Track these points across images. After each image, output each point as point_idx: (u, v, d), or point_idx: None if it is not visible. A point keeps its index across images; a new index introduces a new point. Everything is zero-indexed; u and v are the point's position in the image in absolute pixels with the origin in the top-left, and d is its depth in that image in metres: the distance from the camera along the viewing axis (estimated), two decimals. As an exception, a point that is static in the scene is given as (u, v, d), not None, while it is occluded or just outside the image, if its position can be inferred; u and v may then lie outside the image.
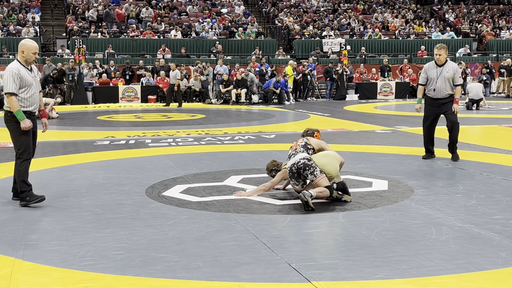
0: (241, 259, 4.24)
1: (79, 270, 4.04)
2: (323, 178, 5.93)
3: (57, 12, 29.19)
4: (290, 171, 6.05)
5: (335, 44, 26.19)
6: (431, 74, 8.63)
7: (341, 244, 4.58)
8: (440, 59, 8.65)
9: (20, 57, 6.10)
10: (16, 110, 5.91)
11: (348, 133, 12.04)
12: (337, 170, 6.21)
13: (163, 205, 5.92)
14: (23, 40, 6.23)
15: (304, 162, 5.96)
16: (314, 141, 6.42)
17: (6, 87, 5.93)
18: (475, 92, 17.75)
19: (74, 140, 11.12)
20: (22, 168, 6.07)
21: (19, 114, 5.92)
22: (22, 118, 5.93)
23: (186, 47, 25.55)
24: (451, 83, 8.51)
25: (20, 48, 6.09)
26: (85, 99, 20.69)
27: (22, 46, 6.08)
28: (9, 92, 5.92)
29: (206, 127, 13.23)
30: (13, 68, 5.99)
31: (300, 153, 6.13)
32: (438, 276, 3.87)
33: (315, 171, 5.93)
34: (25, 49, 6.06)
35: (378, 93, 23.19)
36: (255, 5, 32.45)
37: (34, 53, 6.09)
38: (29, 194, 6.01)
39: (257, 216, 5.48)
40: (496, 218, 5.30)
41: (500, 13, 33.86)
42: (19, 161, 6.09)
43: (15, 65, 6.05)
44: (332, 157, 6.22)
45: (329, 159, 6.16)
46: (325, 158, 6.15)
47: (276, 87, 20.62)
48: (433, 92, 8.53)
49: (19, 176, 6.06)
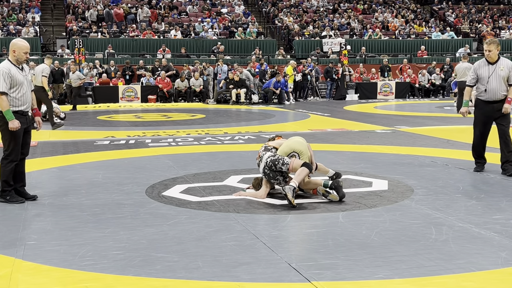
0: (241, 259, 4.24)
1: (79, 270, 4.04)
2: (295, 160, 6.06)
3: (57, 12, 29.19)
4: (264, 175, 6.21)
5: (335, 44, 26.20)
6: (481, 72, 7.48)
7: (341, 244, 4.58)
8: (491, 56, 7.49)
9: (11, 57, 6.09)
10: (6, 110, 5.89)
11: (348, 133, 12.04)
12: (304, 145, 6.27)
13: (163, 205, 5.92)
14: (14, 40, 6.24)
15: (270, 159, 6.14)
16: (273, 142, 6.59)
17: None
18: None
19: (74, 140, 11.13)
20: (8, 169, 6.05)
21: (8, 114, 5.91)
22: (11, 118, 5.91)
23: (186, 47, 25.55)
24: (506, 83, 7.39)
25: (12, 47, 6.09)
26: (85, 99, 20.68)
27: (13, 46, 6.09)
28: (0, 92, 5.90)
29: (206, 127, 13.23)
30: (3, 68, 5.97)
31: (264, 156, 6.28)
32: (438, 276, 3.87)
33: (284, 160, 6.09)
34: (16, 49, 6.06)
35: (378, 93, 23.19)
36: (255, 5, 32.46)
37: (25, 53, 6.08)
38: (10, 194, 6.05)
39: (257, 216, 5.48)
40: (496, 218, 5.30)
41: (500, 13, 33.86)
42: (5, 161, 6.06)
43: (5, 64, 6.04)
44: (291, 139, 6.36)
45: (289, 142, 6.32)
46: (287, 142, 6.34)
47: (276, 87, 20.62)
48: (485, 93, 7.45)
49: (3, 175, 6.04)
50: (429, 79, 23.80)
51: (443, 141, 10.62)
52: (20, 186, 6.24)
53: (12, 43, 6.13)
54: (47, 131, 12.95)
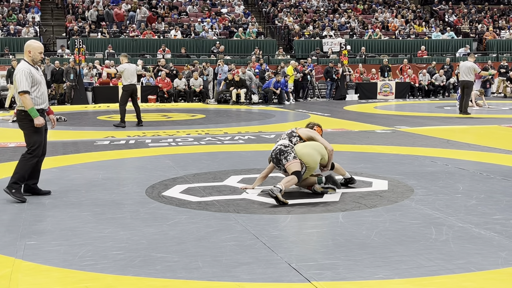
0: (241, 259, 4.24)
1: (79, 270, 4.04)
2: (294, 163, 6.11)
3: (57, 12, 29.19)
4: (271, 157, 6.37)
5: (335, 44, 26.20)
6: None
7: (341, 244, 4.58)
8: None
9: (27, 57, 6.27)
10: (30, 107, 6.09)
11: (348, 133, 12.04)
12: (316, 161, 6.27)
13: (163, 205, 5.92)
14: (29, 41, 6.40)
15: (280, 148, 6.24)
16: (302, 130, 6.56)
17: (20, 86, 6.10)
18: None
19: (74, 140, 11.12)
20: (30, 163, 6.21)
21: (32, 111, 6.10)
22: (35, 115, 6.12)
23: (186, 47, 25.55)
24: None
25: (27, 48, 6.27)
26: (85, 99, 20.69)
27: (28, 47, 6.27)
28: (23, 91, 6.09)
29: (206, 127, 13.23)
30: (24, 68, 6.16)
31: (281, 140, 6.40)
32: (438, 276, 3.87)
33: (289, 156, 6.15)
34: (32, 49, 6.24)
35: (378, 93, 23.18)
36: (255, 5, 32.45)
37: (40, 53, 6.28)
38: (17, 189, 6.13)
39: (257, 216, 5.48)
40: (496, 218, 5.30)
41: (500, 13, 33.86)
42: (30, 156, 6.22)
43: (24, 65, 6.22)
44: (312, 147, 6.31)
45: (309, 150, 6.27)
46: (305, 149, 6.28)
47: (276, 87, 20.62)
48: None
49: (22, 169, 6.18)
50: (429, 80, 23.78)
51: (443, 141, 10.62)
52: (32, 183, 6.37)
53: (27, 44, 6.30)
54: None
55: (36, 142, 6.23)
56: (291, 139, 6.42)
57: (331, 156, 6.44)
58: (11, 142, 10.77)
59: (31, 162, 6.21)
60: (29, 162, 6.21)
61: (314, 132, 6.62)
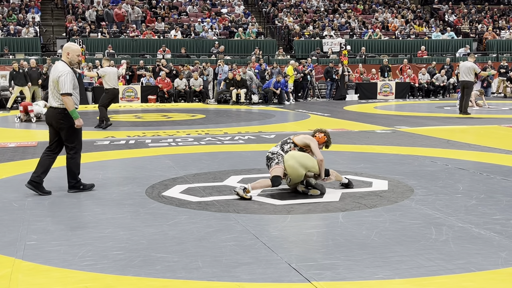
0: (241, 259, 4.24)
1: (79, 270, 4.04)
2: (275, 168, 6.31)
3: (57, 12, 29.18)
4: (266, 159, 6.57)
5: (335, 44, 26.19)
6: None
7: (341, 244, 4.58)
8: None
9: (65, 58, 6.51)
10: (72, 109, 6.36)
11: (348, 133, 12.04)
12: (299, 175, 6.28)
13: (163, 205, 5.92)
14: (68, 43, 6.68)
15: (268, 155, 6.52)
16: (298, 137, 6.65)
17: (64, 87, 6.31)
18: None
19: (74, 140, 11.10)
20: (78, 161, 6.66)
21: (74, 113, 6.38)
22: (77, 116, 6.42)
23: (186, 47, 25.54)
24: None
25: (65, 50, 6.51)
26: (85, 99, 20.69)
27: (67, 49, 6.50)
28: (67, 93, 6.31)
29: (206, 127, 13.23)
30: (68, 70, 6.40)
31: (273, 147, 6.60)
32: (438, 276, 3.87)
33: (272, 162, 6.38)
34: (70, 51, 6.49)
35: (378, 93, 23.18)
36: (255, 5, 32.45)
37: (77, 55, 6.55)
38: (81, 182, 6.65)
39: (257, 216, 5.48)
40: (496, 218, 5.30)
41: (500, 13, 33.85)
42: (76, 154, 6.61)
43: (66, 67, 6.44)
44: (297, 160, 6.28)
45: (293, 163, 6.27)
46: (290, 161, 6.31)
47: (276, 87, 20.62)
48: None
49: (75, 167, 6.63)
50: (428, 79, 23.77)
51: (443, 141, 10.62)
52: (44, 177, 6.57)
53: (65, 47, 6.55)
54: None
55: (79, 140, 6.62)
56: (283, 146, 6.53)
57: (321, 166, 6.40)
58: (11, 142, 10.77)
59: (78, 158, 6.63)
60: (78, 160, 6.63)
61: (310, 139, 6.60)
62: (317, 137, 6.70)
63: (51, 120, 6.55)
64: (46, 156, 6.63)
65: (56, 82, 6.35)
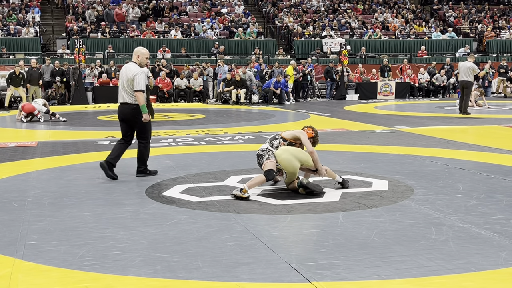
0: (241, 259, 4.24)
1: (79, 270, 4.04)
2: (267, 162, 6.38)
3: (57, 12, 29.18)
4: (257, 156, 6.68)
5: (335, 44, 26.19)
6: None
7: (341, 244, 4.58)
8: None
9: (135, 60, 7.30)
10: (142, 104, 7.14)
11: (348, 133, 12.04)
12: (295, 167, 6.32)
13: (163, 205, 5.92)
14: (138, 47, 7.50)
15: (258, 152, 6.64)
16: (287, 132, 6.75)
17: (139, 85, 7.10)
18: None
19: (74, 140, 11.12)
20: (148, 148, 7.48)
21: (143, 108, 7.16)
22: (145, 111, 7.19)
23: (186, 47, 25.54)
24: None
25: (136, 53, 7.34)
26: (85, 99, 20.69)
27: (137, 52, 7.33)
28: (141, 89, 7.11)
29: (206, 127, 13.23)
30: (142, 70, 7.22)
31: (263, 144, 6.73)
32: (438, 276, 3.87)
33: (263, 159, 6.46)
34: (140, 54, 7.29)
35: (378, 93, 23.18)
36: (255, 5, 32.45)
37: (147, 58, 7.39)
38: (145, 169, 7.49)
39: (257, 216, 5.48)
40: (496, 218, 5.30)
41: (500, 13, 33.85)
42: (148, 144, 7.45)
43: (139, 67, 7.24)
44: (291, 153, 6.38)
45: (287, 155, 6.36)
46: (284, 154, 6.40)
47: (276, 87, 20.62)
48: None
49: (145, 154, 7.46)
50: (427, 78, 23.77)
51: (443, 141, 10.62)
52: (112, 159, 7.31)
53: (136, 50, 7.38)
54: (47, 131, 12.96)
55: (149, 131, 7.42)
56: (272, 142, 6.62)
57: (314, 158, 6.41)
58: (11, 142, 10.77)
59: (149, 147, 7.46)
60: (148, 147, 7.45)
61: (300, 132, 6.67)
62: (305, 131, 6.73)
63: (125, 115, 7.32)
64: (120, 143, 7.41)
65: (131, 81, 7.12)
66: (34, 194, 6.45)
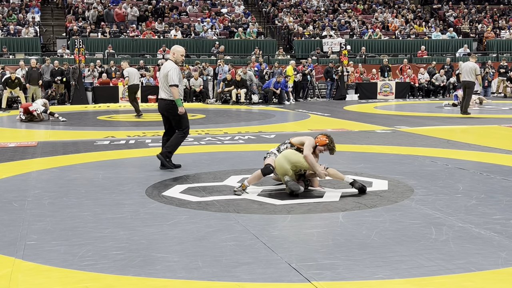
0: (241, 259, 4.24)
1: (79, 270, 4.04)
2: (266, 159, 6.60)
3: (57, 12, 29.18)
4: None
5: (335, 44, 26.19)
6: None
7: (341, 244, 4.58)
8: None
9: (171, 58, 7.79)
10: (177, 98, 7.62)
11: (348, 133, 12.04)
12: (284, 168, 6.32)
13: (163, 205, 5.92)
14: (175, 46, 7.96)
15: (264, 155, 6.82)
16: (295, 138, 6.76)
17: (172, 80, 7.58)
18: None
19: (74, 140, 11.12)
20: (183, 139, 7.94)
21: (178, 101, 7.64)
22: (180, 105, 7.67)
23: (186, 47, 25.50)
24: None
25: (172, 51, 7.82)
26: (85, 99, 20.69)
27: (173, 50, 7.82)
28: (174, 84, 7.59)
29: (206, 127, 13.23)
30: (175, 66, 7.69)
31: (272, 149, 6.84)
32: (438, 276, 3.87)
33: (267, 158, 6.63)
34: (176, 52, 7.76)
35: (378, 93, 23.18)
36: (255, 5, 32.45)
37: (182, 55, 7.83)
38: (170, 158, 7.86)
39: (257, 216, 5.48)
40: (496, 218, 5.30)
41: (500, 13, 33.85)
42: (184, 134, 7.89)
43: (173, 64, 7.71)
44: (284, 155, 6.43)
45: (279, 157, 6.45)
46: (279, 156, 6.49)
47: (276, 87, 20.62)
48: None
49: (177, 143, 7.87)
50: (427, 78, 23.76)
51: (443, 141, 10.62)
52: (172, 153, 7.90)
53: (172, 48, 7.86)
54: (47, 131, 12.96)
55: (187, 124, 7.86)
56: (280, 147, 6.71)
57: (308, 162, 6.35)
58: (11, 142, 10.77)
59: (183, 139, 7.93)
60: (182, 138, 7.90)
61: (307, 138, 6.65)
62: (318, 138, 6.68)
63: (162, 110, 7.88)
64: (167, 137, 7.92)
65: (166, 76, 7.60)
66: (34, 194, 6.45)
